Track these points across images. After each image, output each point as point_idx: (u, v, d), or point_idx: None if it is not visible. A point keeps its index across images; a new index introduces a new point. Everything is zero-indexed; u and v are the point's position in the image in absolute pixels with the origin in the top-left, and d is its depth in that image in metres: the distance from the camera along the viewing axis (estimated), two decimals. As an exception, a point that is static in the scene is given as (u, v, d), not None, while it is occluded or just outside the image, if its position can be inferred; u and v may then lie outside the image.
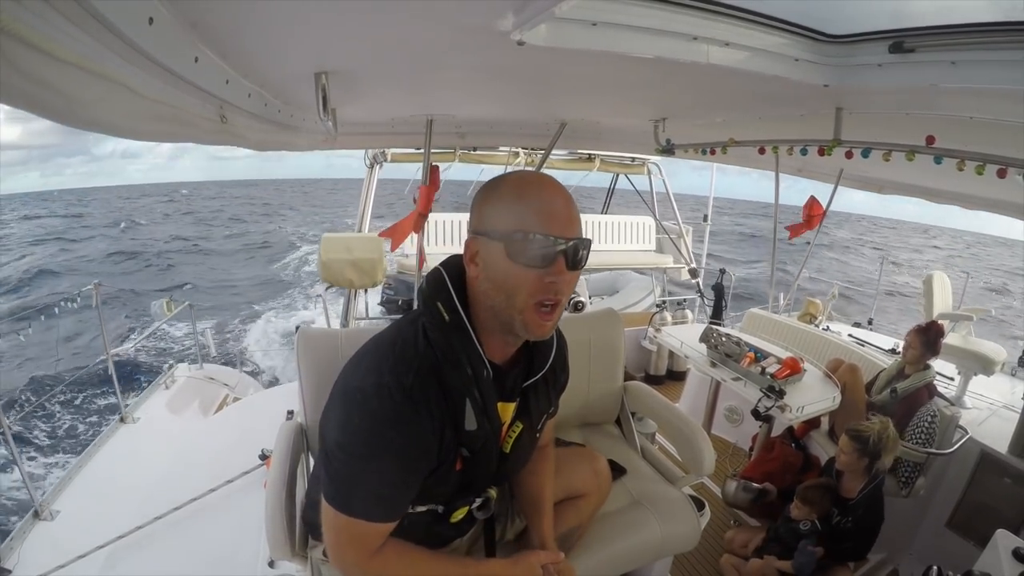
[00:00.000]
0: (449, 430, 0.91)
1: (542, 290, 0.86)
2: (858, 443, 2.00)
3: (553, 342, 1.07)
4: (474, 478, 1.01)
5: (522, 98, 2.12)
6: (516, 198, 0.87)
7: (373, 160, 4.55)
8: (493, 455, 1.02)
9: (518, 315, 0.87)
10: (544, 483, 1.21)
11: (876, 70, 1.24)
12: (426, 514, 1.03)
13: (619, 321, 2.04)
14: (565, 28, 0.98)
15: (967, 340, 3.89)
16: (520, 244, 0.83)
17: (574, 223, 0.87)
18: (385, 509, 0.91)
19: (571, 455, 1.43)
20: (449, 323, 0.91)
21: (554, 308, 0.88)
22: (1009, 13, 1.03)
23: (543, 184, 0.89)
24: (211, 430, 3.27)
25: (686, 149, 2.70)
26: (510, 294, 0.86)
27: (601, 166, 5.07)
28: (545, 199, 0.86)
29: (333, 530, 0.93)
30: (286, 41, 1.06)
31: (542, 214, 0.84)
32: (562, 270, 0.85)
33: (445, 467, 0.94)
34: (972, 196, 2.41)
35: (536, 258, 0.84)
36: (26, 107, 0.49)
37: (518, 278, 0.85)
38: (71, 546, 2.07)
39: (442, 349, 0.90)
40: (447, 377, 0.90)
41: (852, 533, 1.97)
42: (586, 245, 0.88)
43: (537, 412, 1.08)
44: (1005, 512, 2.10)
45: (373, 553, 0.94)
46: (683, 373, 3.95)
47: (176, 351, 9.01)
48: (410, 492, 0.93)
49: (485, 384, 0.93)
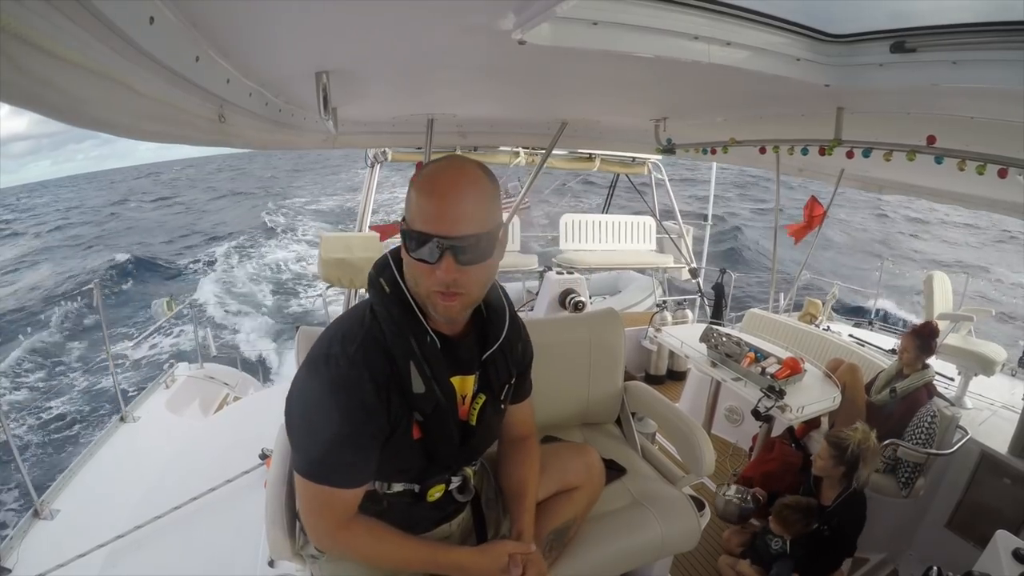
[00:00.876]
0: (396, 394, 0.95)
1: (435, 282, 0.89)
2: (836, 450, 1.99)
3: (505, 313, 1.10)
4: (436, 449, 1.04)
5: (523, 97, 2.12)
6: (421, 191, 0.89)
7: (374, 159, 4.55)
8: (451, 424, 1.04)
9: (426, 299, 0.93)
10: (526, 476, 1.22)
11: (877, 70, 1.24)
12: (404, 495, 1.07)
13: (619, 321, 2.04)
14: (566, 27, 0.98)
15: (967, 340, 3.88)
16: (411, 239, 0.88)
17: (468, 219, 0.87)
18: (345, 474, 0.96)
19: (562, 449, 1.44)
20: (390, 295, 0.97)
21: (455, 295, 0.91)
22: (1010, 13, 1.03)
23: (445, 177, 0.89)
24: (211, 429, 3.27)
25: (687, 149, 2.70)
26: (415, 280, 0.93)
27: (601, 165, 5.06)
28: (437, 195, 0.87)
29: (303, 499, 1.00)
30: (287, 40, 1.06)
31: (431, 211, 0.87)
32: (450, 267, 0.87)
33: (400, 432, 0.98)
34: (973, 196, 2.41)
35: (422, 253, 0.88)
36: (28, 106, 0.49)
37: (415, 268, 0.91)
38: (71, 545, 2.07)
39: (384, 320, 0.96)
40: (390, 345, 0.95)
41: (828, 541, 1.97)
42: (480, 241, 0.88)
43: (498, 384, 1.10)
44: (1005, 513, 2.10)
45: (342, 524, 1.00)
46: (683, 373, 3.94)
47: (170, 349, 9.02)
48: (368, 457, 0.97)
49: (429, 349, 0.97)
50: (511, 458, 1.26)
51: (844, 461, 1.98)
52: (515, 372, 1.17)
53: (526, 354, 1.23)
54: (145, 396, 3.67)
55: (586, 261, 4.78)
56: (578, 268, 4.39)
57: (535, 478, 1.23)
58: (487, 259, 0.93)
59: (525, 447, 1.27)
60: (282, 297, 13.23)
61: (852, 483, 2.00)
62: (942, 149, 1.56)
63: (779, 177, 2.88)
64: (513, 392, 1.19)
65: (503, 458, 1.28)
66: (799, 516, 1.99)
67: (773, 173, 2.85)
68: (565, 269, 4.10)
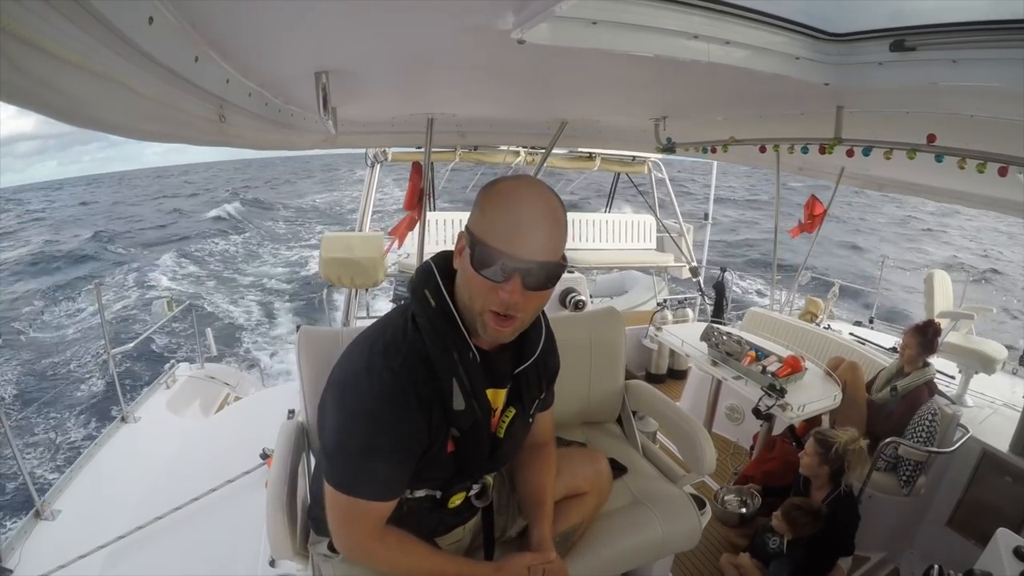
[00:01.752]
0: (438, 410, 0.95)
1: (495, 302, 0.88)
2: (822, 447, 1.99)
3: (542, 329, 1.11)
4: (467, 461, 1.04)
5: (522, 97, 2.12)
6: (496, 208, 0.88)
7: (374, 159, 4.55)
8: (484, 438, 1.04)
9: (478, 316, 0.91)
10: (545, 482, 1.22)
11: (877, 68, 1.24)
12: (425, 499, 1.07)
13: (620, 320, 2.04)
14: (565, 27, 0.98)
15: (968, 339, 3.88)
16: (481, 255, 0.86)
17: (542, 246, 0.87)
18: (382, 488, 0.95)
19: (573, 455, 1.44)
20: (435, 308, 0.95)
21: (510, 319, 0.90)
22: (1010, 12, 1.03)
23: (525, 200, 0.88)
24: (212, 430, 3.27)
25: (687, 147, 2.70)
26: (472, 295, 0.91)
27: (601, 165, 5.06)
28: (521, 217, 0.86)
29: (336, 511, 0.98)
30: (287, 40, 1.06)
31: (509, 232, 0.86)
32: (516, 289, 0.86)
33: (437, 448, 0.98)
34: (973, 195, 2.41)
35: (491, 272, 0.86)
36: (27, 106, 0.49)
37: (477, 284, 0.89)
38: (72, 546, 2.07)
39: (428, 333, 0.94)
40: (434, 360, 0.94)
41: (817, 542, 1.97)
42: (552, 268, 0.88)
43: (529, 398, 1.11)
44: (1006, 511, 2.10)
45: (375, 536, 0.99)
46: (684, 372, 3.94)
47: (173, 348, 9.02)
48: (405, 472, 0.96)
49: (471, 366, 0.97)
50: (530, 464, 1.26)
51: (828, 460, 1.98)
52: (547, 387, 1.17)
53: (556, 366, 1.23)
54: (146, 396, 3.67)
55: (586, 260, 4.78)
56: (578, 267, 4.39)
57: (552, 484, 1.23)
58: (551, 287, 0.92)
59: (544, 453, 1.28)
60: (282, 297, 13.23)
61: (840, 486, 2.00)
62: (942, 148, 1.56)
63: (779, 176, 2.88)
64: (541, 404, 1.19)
65: (521, 464, 1.28)
66: (808, 519, 1.99)
67: (773, 174, 2.85)
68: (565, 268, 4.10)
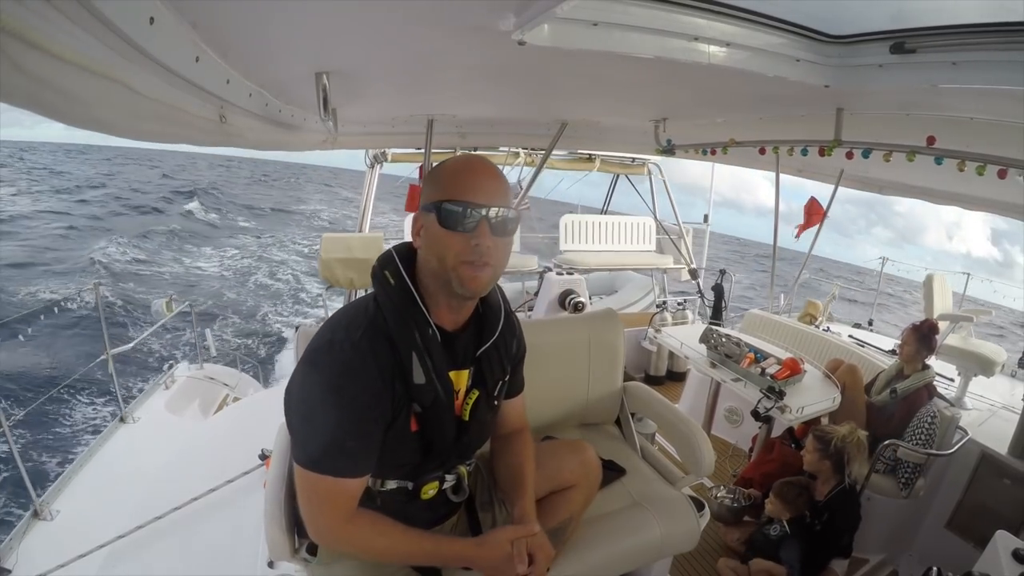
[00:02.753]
0: (399, 383, 0.98)
1: (468, 252, 0.95)
2: (820, 443, 2.01)
3: (501, 310, 1.15)
4: (432, 442, 1.05)
5: (523, 98, 2.12)
6: (450, 174, 0.98)
7: (374, 160, 4.55)
8: (448, 419, 1.06)
9: (452, 272, 0.96)
10: (523, 463, 1.23)
11: (877, 71, 1.24)
12: (398, 492, 1.08)
13: (619, 321, 2.04)
14: (566, 28, 0.99)
15: (967, 341, 3.89)
16: (446, 212, 0.95)
17: (498, 195, 0.97)
18: (348, 462, 0.96)
19: (557, 447, 1.43)
20: (394, 286, 1.01)
21: (483, 266, 0.97)
22: (1010, 14, 1.03)
23: (473, 162, 1.00)
24: (211, 430, 3.26)
25: (686, 149, 2.70)
26: (442, 255, 0.96)
27: (601, 166, 5.06)
28: (473, 174, 0.98)
29: (305, 494, 0.99)
30: (287, 41, 1.06)
31: (467, 186, 0.96)
32: (485, 234, 0.95)
33: (400, 423, 1.00)
34: (973, 197, 2.41)
35: (460, 223, 0.95)
36: (28, 106, 0.49)
37: (447, 240, 0.95)
38: (70, 546, 2.06)
39: (388, 309, 0.99)
40: (393, 334, 0.98)
41: (821, 536, 1.98)
42: (510, 214, 0.98)
43: (492, 379, 1.13)
44: (1005, 513, 2.10)
45: (346, 518, 0.99)
46: (683, 374, 3.94)
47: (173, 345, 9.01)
48: (371, 444, 0.98)
49: (431, 342, 1.01)
50: (506, 449, 1.27)
51: (828, 455, 1.99)
52: (509, 368, 1.19)
53: (520, 349, 1.25)
54: (145, 397, 3.66)
55: (586, 262, 4.78)
56: (578, 269, 4.39)
57: (531, 465, 1.24)
58: (512, 234, 1.01)
59: (520, 439, 1.29)
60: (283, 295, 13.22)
61: (844, 479, 2.00)
62: (942, 150, 1.56)
63: (779, 178, 2.88)
64: (507, 388, 1.21)
65: (497, 452, 1.29)
66: (798, 491, 2.02)
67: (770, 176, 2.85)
68: (565, 270, 4.11)
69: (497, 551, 1.05)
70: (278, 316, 12.15)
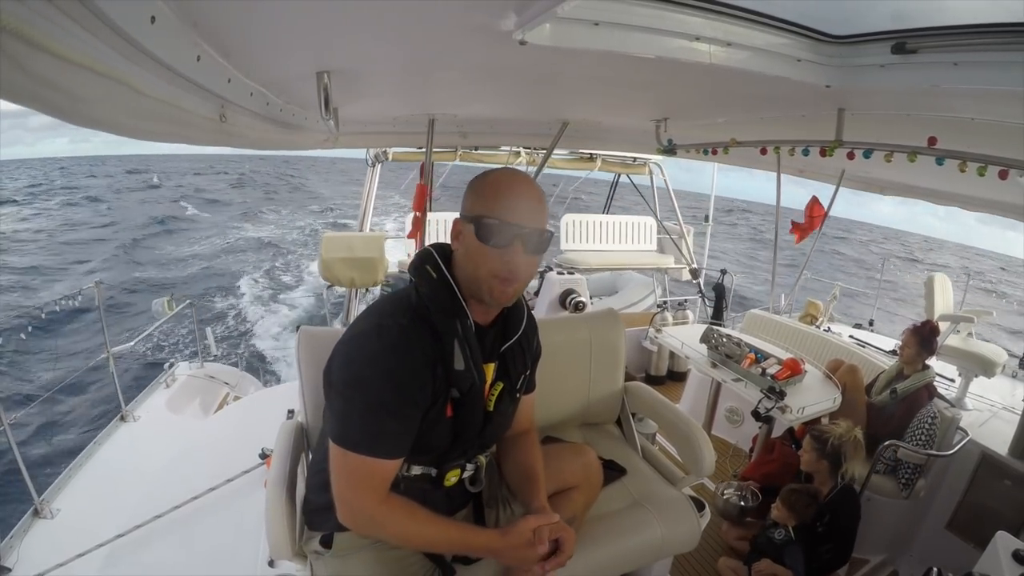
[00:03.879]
0: (440, 367, 1.03)
1: (500, 268, 1.01)
2: (817, 443, 2.01)
3: (524, 311, 1.22)
4: (463, 429, 1.10)
5: (524, 98, 2.12)
6: (493, 189, 1.03)
7: (375, 159, 4.55)
8: (480, 406, 1.12)
9: (483, 283, 1.03)
10: (534, 460, 1.27)
11: (878, 71, 1.24)
12: (421, 479, 1.12)
13: (620, 321, 2.04)
14: (567, 28, 0.99)
15: (968, 342, 3.88)
16: (485, 227, 1.00)
17: (536, 216, 1.02)
18: (388, 444, 1.00)
19: (559, 450, 1.46)
20: (436, 279, 1.07)
21: (513, 282, 1.03)
22: (1011, 14, 1.03)
23: (516, 181, 1.05)
24: (211, 429, 3.26)
25: (688, 149, 2.70)
26: (476, 267, 1.02)
27: (602, 166, 5.06)
28: (515, 193, 1.02)
29: (343, 475, 1.01)
30: (288, 40, 1.06)
31: (508, 205, 1.00)
32: (518, 252, 1.01)
33: (438, 408, 1.04)
34: (974, 197, 2.41)
35: (496, 240, 1.00)
36: (29, 105, 0.49)
37: (482, 253, 1.01)
38: (71, 544, 2.06)
39: (431, 299, 1.05)
40: (437, 322, 1.04)
41: (825, 537, 1.97)
42: (544, 235, 1.04)
43: (515, 373, 1.19)
44: (1005, 514, 2.10)
45: (381, 499, 1.02)
46: (684, 374, 3.94)
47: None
48: (411, 428, 1.01)
49: (468, 331, 1.07)
50: (516, 448, 1.30)
51: (825, 455, 1.99)
52: (530, 364, 1.25)
53: (538, 348, 1.32)
54: (145, 395, 3.66)
55: (587, 261, 4.78)
56: (579, 268, 4.39)
57: (541, 464, 1.27)
58: (543, 252, 1.07)
59: (528, 439, 1.32)
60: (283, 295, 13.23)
61: (840, 478, 2.00)
62: (943, 150, 1.56)
63: (780, 178, 2.88)
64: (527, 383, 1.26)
65: (507, 451, 1.31)
66: (807, 500, 2.01)
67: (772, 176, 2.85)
68: (566, 269, 4.10)
69: (520, 539, 1.08)
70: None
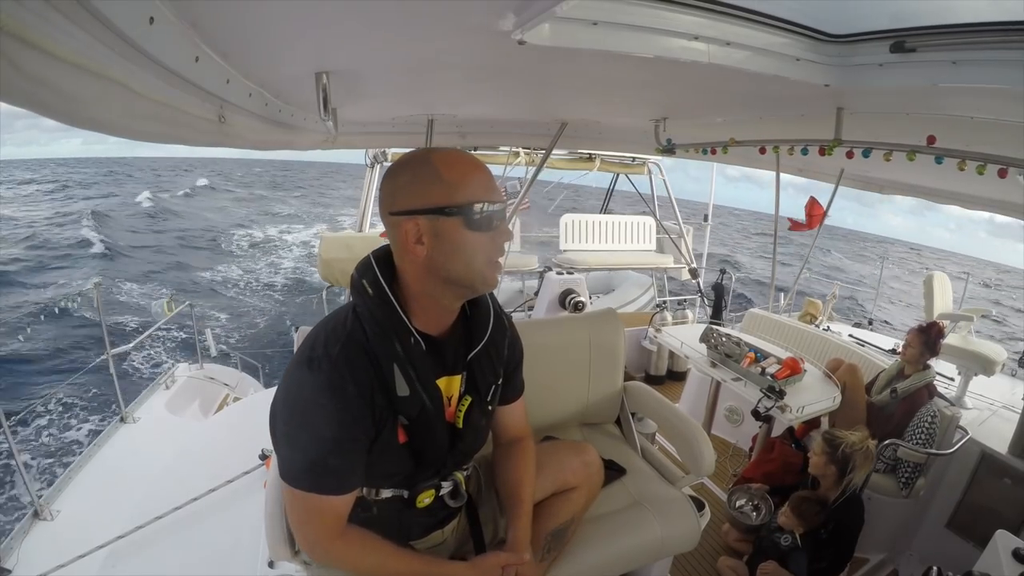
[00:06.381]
0: (380, 396, 0.95)
1: (496, 251, 0.98)
2: (829, 447, 1.99)
3: (490, 312, 1.12)
4: (423, 452, 1.03)
5: (523, 98, 2.12)
6: (459, 174, 0.93)
7: (374, 159, 4.55)
8: (439, 428, 1.04)
9: (478, 275, 0.96)
10: (522, 479, 1.20)
11: (877, 70, 1.24)
12: (393, 500, 1.07)
13: (619, 321, 2.04)
14: (566, 27, 0.98)
15: (967, 340, 3.89)
16: (479, 216, 0.93)
17: (496, 185, 1.00)
18: (332, 480, 0.95)
19: (559, 448, 1.42)
20: (373, 296, 0.97)
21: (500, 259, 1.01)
22: (1010, 13, 1.03)
23: (469, 158, 0.97)
24: (211, 430, 3.26)
25: (687, 149, 2.69)
26: (470, 260, 0.94)
27: (601, 166, 5.07)
28: (479, 170, 0.97)
29: (294, 509, 0.98)
30: (287, 41, 1.06)
31: (483, 184, 0.95)
32: (505, 228, 0.98)
33: (386, 437, 0.97)
34: (973, 196, 2.41)
35: (491, 225, 0.95)
36: (26, 106, 0.49)
37: (477, 244, 0.94)
38: (71, 546, 2.06)
39: (367, 320, 0.96)
40: (373, 346, 0.95)
41: (827, 543, 1.97)
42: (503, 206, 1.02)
43: (484, 384, 1.10)
44: (1005, 513, 2.10)
45: (335, 534, 0.98)
46: (683, 373, 3.94)
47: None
48: (355, 463, 0.96)
49: (414, 351, 0.98)
50: (505, 461, 1.24)
51: (835, 460, 1.98)
52: (502, 372, 1.16)
53: (514, 351, 1.22)
54: (145, 396, 3.66)
55: (586, 261, 4.78)
56: (578, 268, 4.39)
57: (531, 481, 1.21)
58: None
59: (520, 449, 1.25)
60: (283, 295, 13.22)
61: (847, 486, 1.99)
62: (942, 149, 1.56)
63: (779, 177, 2.88)
64: (503, 392, 1.18)
65: (497, 461, 1.27)
66: (817, 508, 2.00)
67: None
68: (565, 269, 4.11)
69: (488, 574, 1.06)
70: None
